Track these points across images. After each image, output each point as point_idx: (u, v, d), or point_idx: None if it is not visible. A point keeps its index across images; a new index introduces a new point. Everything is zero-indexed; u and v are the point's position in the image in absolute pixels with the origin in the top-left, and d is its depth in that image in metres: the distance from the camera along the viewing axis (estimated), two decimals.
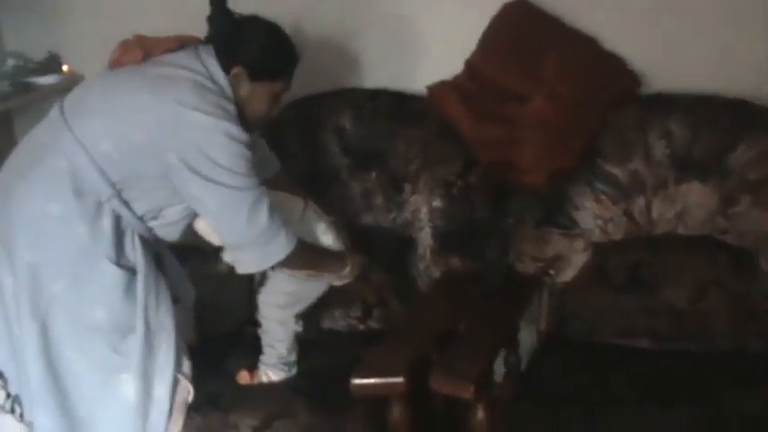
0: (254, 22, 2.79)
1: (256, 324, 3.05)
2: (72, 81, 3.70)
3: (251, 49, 2.74)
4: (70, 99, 2.76)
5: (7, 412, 2.74)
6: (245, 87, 2.74)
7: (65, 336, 2.65)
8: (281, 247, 2.73)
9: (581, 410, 2.64)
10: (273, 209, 2.69)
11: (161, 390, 2.72)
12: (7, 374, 2.73)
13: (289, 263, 2.79)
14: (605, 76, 3.20)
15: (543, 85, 3.12)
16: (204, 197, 2.65)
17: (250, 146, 2.67)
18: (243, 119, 2.72)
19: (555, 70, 3.15)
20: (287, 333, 2.99)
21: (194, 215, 2.77)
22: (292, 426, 2.74)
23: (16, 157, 2.78)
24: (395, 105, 3.33)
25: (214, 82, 2.69)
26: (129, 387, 2.69)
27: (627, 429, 2.56)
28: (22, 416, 2.70)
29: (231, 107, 2.67)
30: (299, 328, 3.01)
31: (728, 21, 3.16)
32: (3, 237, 2.66)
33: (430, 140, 3.23)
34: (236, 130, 2.62)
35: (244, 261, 2.77)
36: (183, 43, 2.79)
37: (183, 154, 2.59)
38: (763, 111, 3.06)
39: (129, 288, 2.68)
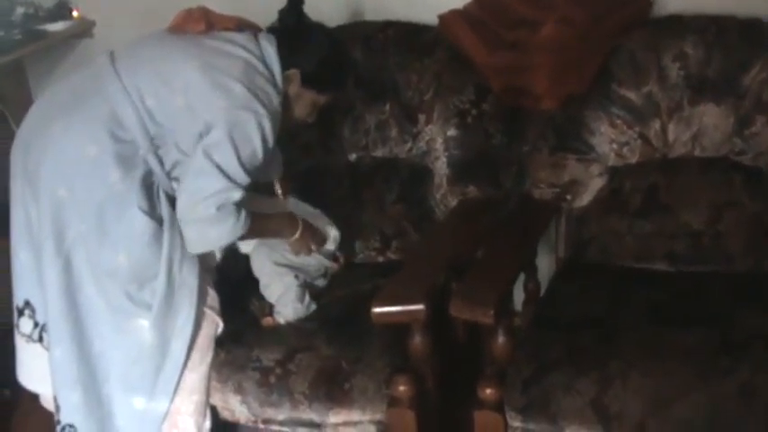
0: (321, 32, 2.90)
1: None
2: (82, 27, 3.73)
3: (312, 57, 2.84)
4: (123, 50, 2.79)
5: (35, 341, 2.80)
6: (295, 89, 2.83)
7: (86, 275, 2.68)
8: (225, 234, 2.71)
9: (596, 334, 2.65)
10: (234, 203, 2.67)
11: (178, 344, 2.74)
12: (35, 304, 2.78)
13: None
14: (617, 0, 3.17)
15: (554, 10, 3.09)
16: (194, 156, 2.66)
17: (267, 149, 2.71)
18: (283, 114, 2.78)
19: None
20: (288, 286, 2.99)
21: None
22: (314, 358, 2.78)
23: (57, 94, 2.80)
24: (406, 36, 3.31)
25: (268, 69, 2.75)
26: (145, 334, 2.71)
27: (640, 351, 2.56)
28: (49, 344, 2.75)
29: (276, 98, 2.73)
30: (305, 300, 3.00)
31: None
32: (32, 170, 2.69)
33: (442, 70, 3.21)
34: (267, 124, 2.67)
35: (185, 236, 2.72)
36: (242, 26, 2.84)
37: (210, 118, 2.64)
38: None
39: (155, 239, 2.69)
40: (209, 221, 2.65)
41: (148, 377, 2.73)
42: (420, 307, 2.54)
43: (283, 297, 2.96)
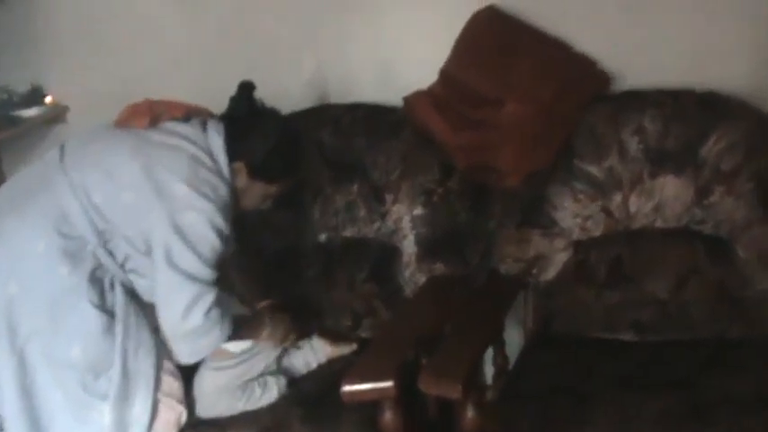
0: (271, 122, 2.89)
1: None
2: (56, 112, 3.77)
3: (259, 149, 2.84)
4: (71, 145, 2.84)
5: None
6: (242, 181, 2.85)
7: (41, 368, 2.70)
8: (213, 341, 2.75)
9: (566, 404, 2.68)
10: (215, 305, 2.71)
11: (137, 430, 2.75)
12: None
13: None
14: (577, 78, 3.24)
15: (516, 89, 3.16)
16: (158, 274, 2.70)
17: (224, 238, 2.73)
18: (233, 204, 2.81)
19: (527, 74, 3.19)
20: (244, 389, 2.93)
21: None
22: None
23: (9, 191, 2.85)
24: (372, 118, 3.37)
25: (214, 160, 2.77)
26: (104, 424, 2.71)
27: (610, 419, 2.60)
28: None
29: (224, 189, 2.75)
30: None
31: (696, 15, 3.20)
32: None
33: (408, 150, 3.27)
34: (217, 217, 2.70)
35: (176, 351, 2.77)
36: (190, 113, 2.86)
37: (159, 220, 2.67)
38: (732, 102, 3.11)
39: (108, 331, 2.72)
40: (198, 332, 2.70)
41: None
42: (389, 384, 2.56)
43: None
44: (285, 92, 2.95)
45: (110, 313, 2.72)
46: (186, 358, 2.78)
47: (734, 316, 2.98)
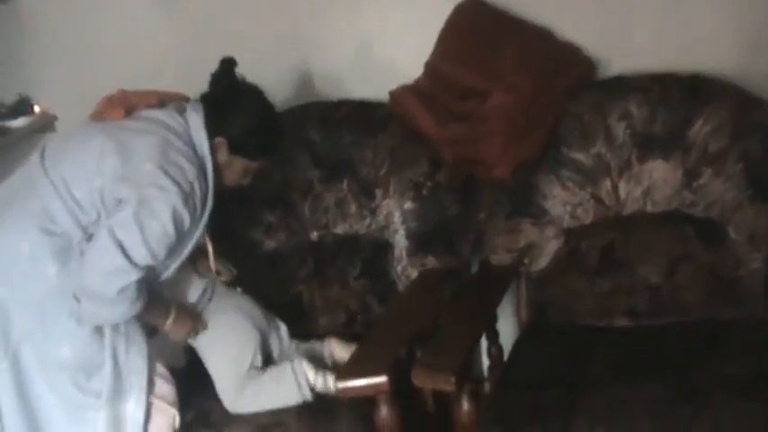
0: (252, 98, 2.89)
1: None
2: (44, 121, 3.75)
3: (237, 126, 2.84)
4: (51, 146, 2.87)
5: None
6: (223, 156, 2.84)
7: (34, 370, 2.71)
8: (117, 315, 2.71)
9: (561, 393, 2.68)
10: (134, 286, 2.66)
11: (133, 430, 2.76)
12: None
13: None
14: (562, 66, 3.24)
15: (502, 79, 3.17)
16: (99, 231, 2.68)
17: (181, 226, 2.71)
18: (218, 179, 2.82)
19: (512, 64, 3.19)
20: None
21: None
22: None
23: None
24: (359, 114, 3.38)
25: (189, 144, 2.77)
26: (98, 425, 2.73)
27: (605, 406, 2.59)
28: None
29: (193, 173, 2.72)
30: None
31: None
32: None
33: (396, 145, 3.28)
34: (180, 203, 2.67)
35: (81, 306, 2.71)
36: (164, 100, 2.87)
37: (121, 195, 2.67)
38: (717, 84, 3.11)
39: (96, 329, 2.73)
40: (106, 302, 2.66)
41: None
42: (383, 379, 2.56)
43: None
44: (270, 90, 2.94)
45: None
46: (86, 317, 2.71)
47: (727, 297, 2.98)
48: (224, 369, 2.92)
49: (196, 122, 2.81)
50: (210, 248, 3.00)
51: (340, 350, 3.04)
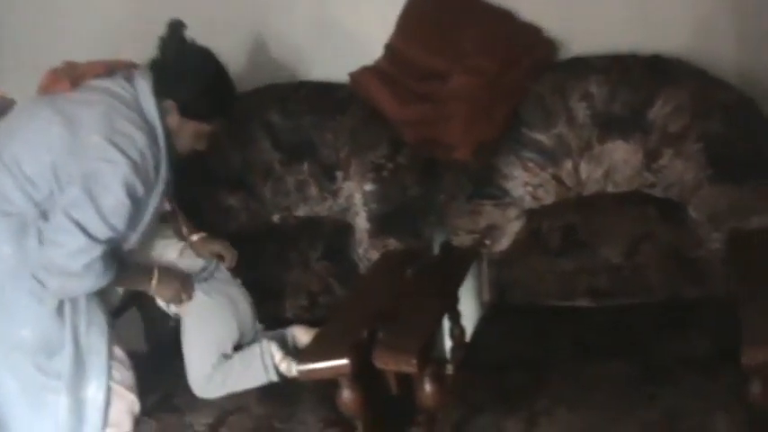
0: (201, 59, 2.84)
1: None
2: (2, 106, 3.71)
3: (186, 88, 2.80)
4: (1, 125, 2.84)
5: None
6: (174, 120, 2.80)
7: None
8: (86, 286, 2.70)
9: (523, 373, 2.69)
10: (99, 259, 2.65)
11: (93, 409, 2.75)
12: None
13: None
14: (523, 47, 3.23)
15: (462, 60, 3.15)
16: (54, 213, 2.66)
17: (136, 195, 2.68)
18: (171, 146, 2.78)
19: (473, 45, 3.17)
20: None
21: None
22: (246, 419, 2.78)
23: None
24: (319, 95, 3.35)
25: (137, 110, 2.74)
26: (59, 406, 2.71)
27: (566, 386, 2.60)
28: None
29: (143, 140, 2.69)
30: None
31: None
32: None
33: (356, 126, 3.26)
34: (131, 174, 2.65)
35: (45, 282, 2.69)
36: (112, 68, 2.83)
37: (70, 171, 2.65)
38: (677, 65, 3.11)
39: (58, 309, 2.72)
40: (73, 276, 2.65)
41: None
42: (344, 362, 2.55)
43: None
44: (230, 73, 2.92)
45: None
46: (52, 291, 2.70)
47: (688, 276, 2.99)
48: (197, 353, 2.90)
49: (144, 88, 2.77)
50: (182, 220, 3.07)
51: (303, 336, 3.02)
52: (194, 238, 3.09)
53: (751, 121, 2.99)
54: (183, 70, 2.81)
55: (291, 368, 2.85)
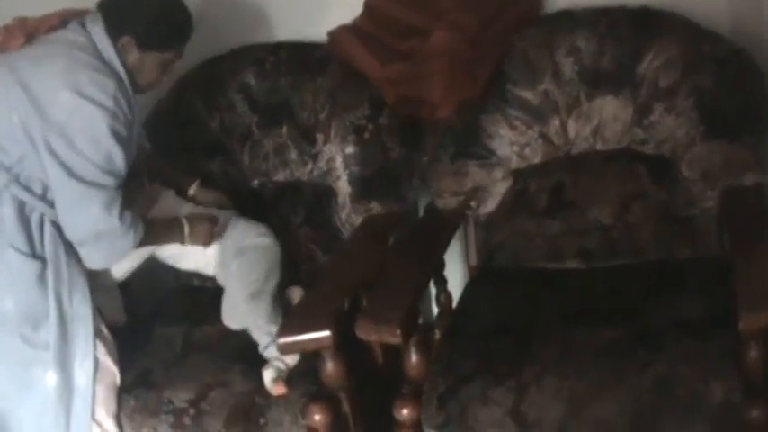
0: None
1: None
2: None
3: (140, 19, 2.72)
4: None
5: None
6: (134, 56, 2.74)
7: None
8: (129, 243, 2.71)
9: (511, 340, 2.61)
10: (126, 208, 2.67)
11: (82, 379, 2.70)
12: None
13: None
14: (506, 1, 3.15)
15: (443, 16, 3.07)
16: (58, 187, 2.63)
17: (124, 138, 2.65)
18: (133, 84, 2.73)
19: (454, 0, 3.09)
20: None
21: None
22: (228, 394, 2.72)
23: None
24: (297, 56, 3.27)
25: (98, 53, 2.68)
26: (47, 379, 2.66)
27: (555, 353, 2.52)
28: None
29: (112, 85, 2.64)
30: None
31: None
32: None
33: (336, 87, 3.18)
34: (110, 119, 2.61)
35: (89, 257, 2.72)
36: (65, 18, 2.76)
37: (46, 135, 2.59)
38: (667, 17, 3.02)
39: (39, 278, 2.67)
40: (116, 234, 2.65)
41: (61, 422, 2.69)
42: (326, 333, 2.47)
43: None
44: (203, 33, 2.84)
45: (40, 259, 2.69)
46: (101, 262, 2.73)
47: (680, 236, 2.92)
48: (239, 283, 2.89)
49: (98, 31, 2.70)
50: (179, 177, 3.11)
51: (298, 297, 2.98)
52: (192, 190, 3.11)
53: (744, 74, 2.91)
54: (131, 3, 2.74)
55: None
